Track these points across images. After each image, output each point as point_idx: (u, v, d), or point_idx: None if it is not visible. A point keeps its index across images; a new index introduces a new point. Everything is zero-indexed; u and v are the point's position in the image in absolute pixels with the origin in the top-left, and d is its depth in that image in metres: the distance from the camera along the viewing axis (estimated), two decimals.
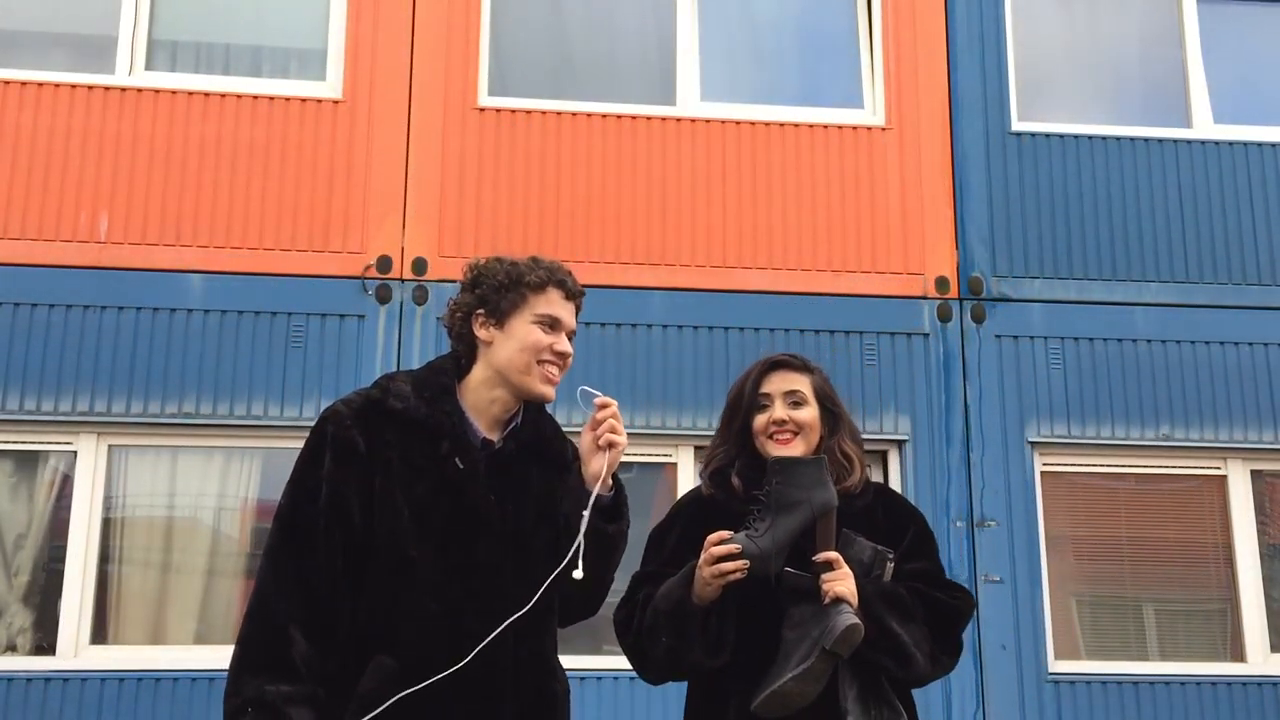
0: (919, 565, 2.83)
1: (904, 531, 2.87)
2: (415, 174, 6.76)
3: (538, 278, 2.59)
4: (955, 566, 6.58)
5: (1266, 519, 7.01)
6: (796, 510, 2.64)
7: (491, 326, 2.59)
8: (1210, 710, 6.56)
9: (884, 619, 2.63)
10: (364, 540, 2.45)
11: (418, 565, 2.44)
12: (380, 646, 2.40)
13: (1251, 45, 7.80)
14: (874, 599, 2.64)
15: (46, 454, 6.39)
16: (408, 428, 2.53)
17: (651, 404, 6.60)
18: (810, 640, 2.54)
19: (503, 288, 2.58)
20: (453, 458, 2.52)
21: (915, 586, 2.77)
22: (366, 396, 2.62)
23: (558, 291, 2.62)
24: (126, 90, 6.71)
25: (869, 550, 2.71)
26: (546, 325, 2.60)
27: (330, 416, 2.57)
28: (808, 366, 2.95)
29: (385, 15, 6.95)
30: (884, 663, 2.64)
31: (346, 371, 6.46)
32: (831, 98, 7.38)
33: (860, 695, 2.62)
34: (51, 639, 6.10)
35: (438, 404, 2.56)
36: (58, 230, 6.48)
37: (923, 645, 2.68)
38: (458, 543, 2.48)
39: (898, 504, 3.00)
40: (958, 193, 7.13)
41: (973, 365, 6.90)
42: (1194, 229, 7.22)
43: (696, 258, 6.87)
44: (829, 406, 2.91)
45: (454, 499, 2.50)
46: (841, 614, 2.54)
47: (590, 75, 7.35)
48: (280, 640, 2.36)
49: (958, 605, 2.80)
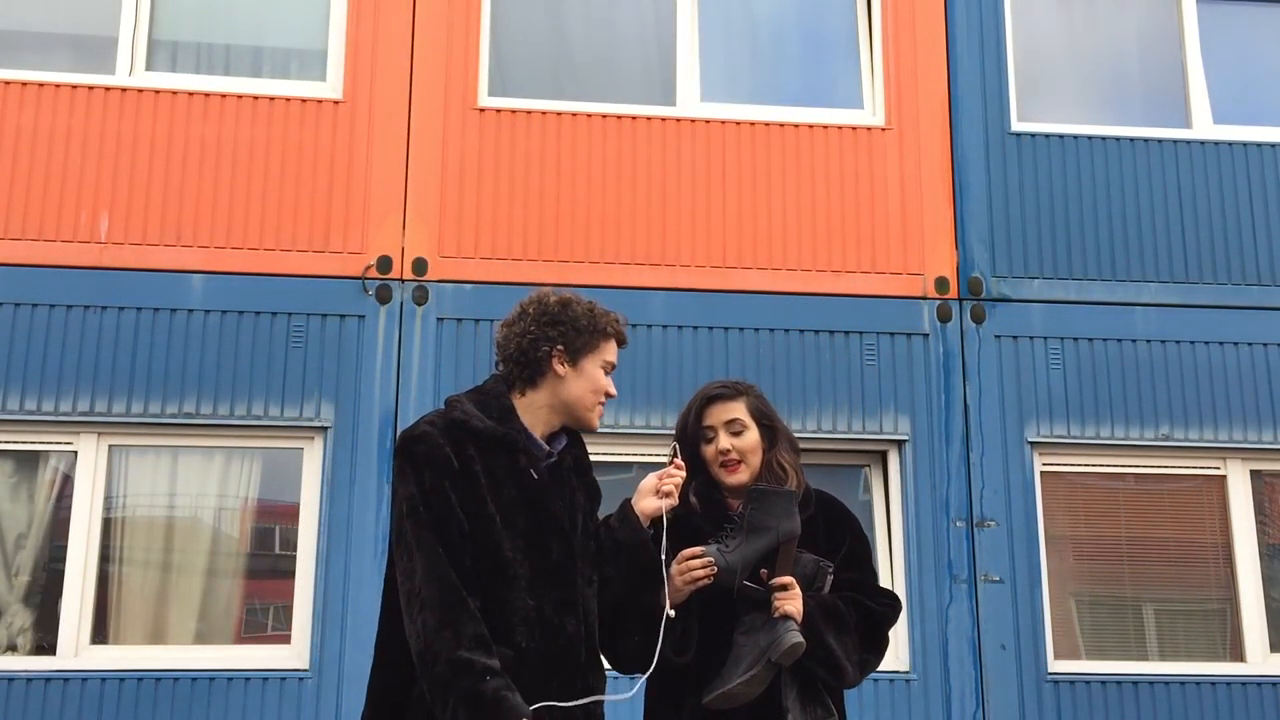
0: (854, 575, 3.19)
1: (842, 540, 3.23)
2: (415, 174, 6.77)
3: (614, 328, 2.99)
4: (955, 566, 6.59)
5: (1266, 519, 7.02)
6: (765, 535, 3.01)
7: (567, 363, 2.92)
8: (1210, 710, 6.56)
9: (823, 634, 3.00)
10: (469, 546, 2.75)
11: (512, 565, 2.77)
12: (496, 640, 2.70)
13: (1251, 45, 7.81)
14: (816, 614, 3.01)
15: (47, 454, 6.39)
16: (487, 444, 2.83)
17: (651, 404, 6.60)
18: (759, 649, 2.93)
19: (584, 331, 2.94)
20: (529, 469, 2.85)
21: (851, 596, 3.13)
22: (448, 417, 2.87)
23: (618, 342, 3.02)
24: (127, 90, 6.71)
25: (812, 564, 3.09)
26: (608, 370, 2.99)
27: (420, 437, 2.81)
28: (739, 391, 3.25)
29: (385, 15, 6.95)
30: (819, 672, 3.02)
31: (346, 371, 6.47)
32: (831, 98, 7.38)
33: (799, 695, 3.00)
34: (52, 639, 6.11)
35: (508, 423, 2.88)
36: (58, 230, 6.48)
37: (853, 655, 3.07)
38: (537, 545, 2.81)
39: (836, 513, 3.30)
40: (957, 193, 7.13)
41: (972, 365, 6.90)
42: (1194, 229, 7.22)
43: (697, 258, 6.87)
44: (765, 424, 3.23)
45: (531, 505, 2.83)
46: (788, 630, 2.92)
47: (590, 75, 7.35)
48: (476, 617, 2.66)
49: (885, 613, 3.18)
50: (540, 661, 2.74)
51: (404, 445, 2.82)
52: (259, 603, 6.54)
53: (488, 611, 2.71)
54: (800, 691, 3.00)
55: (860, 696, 5.98)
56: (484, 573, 2.74)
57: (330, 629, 6.11)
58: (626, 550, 2.96)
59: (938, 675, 6.46)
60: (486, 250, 6.73)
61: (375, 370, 6.47)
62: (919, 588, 6.52)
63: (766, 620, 2.96)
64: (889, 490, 6.79)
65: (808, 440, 6.57)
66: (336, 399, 6.43)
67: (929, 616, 6.52)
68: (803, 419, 6.67)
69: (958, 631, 6.52)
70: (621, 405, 6.50)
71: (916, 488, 6.68)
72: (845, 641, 3.05)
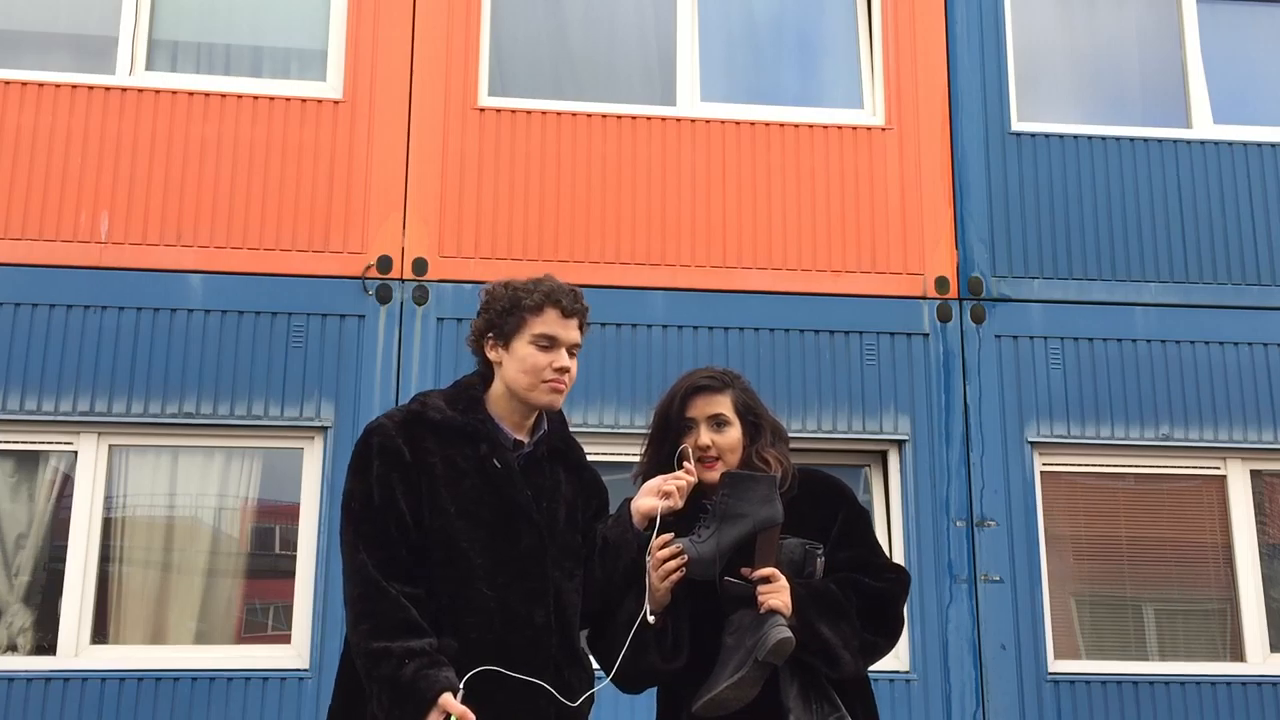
0: (850, 553, 2.98)
1: (833, 517, 3.01)
2: (415, 174, 6.77)
3: (534, 300, 2.84)
4: (955, 566, 6.59)
5: (1266, 519, 7.02)
6: (740, 522, 2.82)
7: (499, 348, 2.87)
8: (1210, 710, 6.56)
9: (815, 624, 2.81)
10: (418, 539, 2.72)
11: (470, 556, 2.72)
12: (444, 630, 2.67)
13: (1251, 45, 7.81)
14: (806, 603, 2.82)
15: (47, 454, 6.39)
16: (447, 435, 2.80)
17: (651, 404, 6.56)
18: (745, 650, 2.74)
19: (506, 311, 2.85)
20: (491, 458, 2.80)
21: (847, 577, 2.93)
22: (407, 410, 2.87)
23: (554, 311, 2.85)
24: (127, 90, 6.71)
25: (798, 548, 2.90)
26: (544, 344, 2.83)
27: (375, 429, 2.82)
28: (726, 383, 3.09)
29: (385, 15, 6.95)
30: (815, 663, 2.83)
31: (346, 371, 6.47)
32: (831, 98, 7.38)
33: (801, 692, 2.80)
34: (52, 639, 6.11)
35: (472, 412, 2.84)
36: (58, 230, 6.48)
37: (852, 642, 2.85)
38: (502, 535, 2.76)
39: (823, 488, 3.08)
40: (957, 193, 7.13)
41: (972, 365, 6.90)
42: (1194, 229, 7.22)
43: (696, 258, 6.87)
44: (750, 419, 3.05)
45: (496, 495, 2.78)
46: (775, 626, 2.73)
47: (590, 75, 7.35)
48: (398, 604, 2.63)
49: (888, 588, 2.96)
50: (501, 652, 2.68)
51: (359, 438, 2.84)
52: (259, 603, 6.54)
53: (440, 602, 2.69)
54: (801, 687, 2.82)
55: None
56: (439, 563, 2.72)
57: (330, 629, 6.11)
58: (611, 549, 2.91)
59: (938, 675, 6.46)
60: (486, 250, 6.72)
61: (375, 370, 6.47)
62: (919, 588, 6.51)
63: (754, 618, 2.78)
64: (889, 490, 6.79)
65: (808, 440, 6.58)
66: (336, 399, 6.43)
67: (929, 616, 6.52)
68: (803, 419, 6.67)
69: (958, 631, 6.53)
70: (621, 405, 6.51)
71: (916, 488, 6.68)
72: (842, 628, 2.85)
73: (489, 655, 2.66)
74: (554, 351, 2.84)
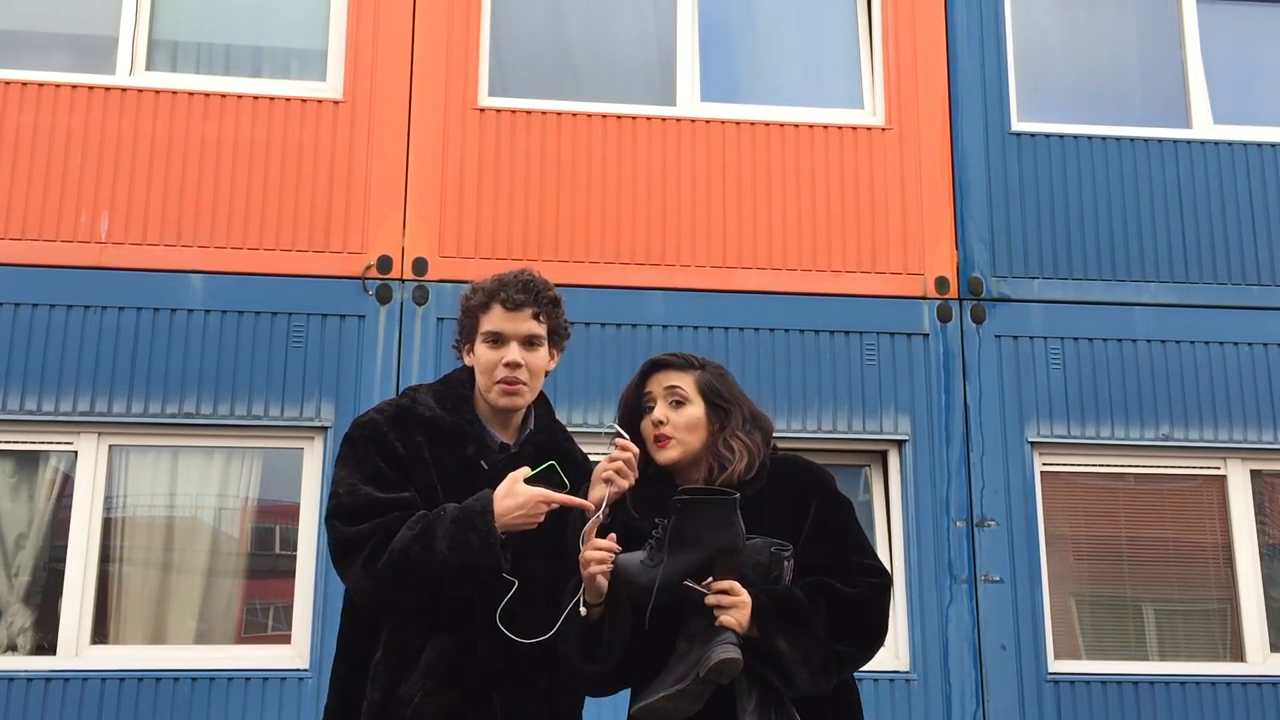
0: (824, 550, 2.72)
1: (804, 510, 2.76)
2: (415, 174, 6.77)
3: (479, 299, 2.82)
4: (955, 566, 6.59)
5: (1266, 519, 7.02)
6: (694, 548, 2.57)
7: (468, 352, 2.87)
8: (1210, 710, 6.56)
9: (773, 638, 2.58)
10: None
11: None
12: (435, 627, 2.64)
13: (1251, 45, 7.81)
14: (768, 612, 2.58)
15: (47, 454, 6.39)
16: (436, 433, 2.76)
17: None
18: (690, 662, 2.55)
19: (464, 314, 2.86)
20: (478, 460, 2.76)
21: (818, 581, 2.68)
22: (397, 405, 2.83)
23: (498, 306, 2.79)
24: (127, 90, 6.71)
25: (764, 549, 2.65)
26: (492, 341, 2.79)
27: (366, 423, 2.76)
28: (691, 364, 2.87)
29: (385, 15, 6.95)
30: (770, 678, 2.59)
31: (347, 371, 6.47)
32: (831, 98, 7.38)
33: (759, 705, 2.58)
34: (52, 639, 6.11)
35: (459, 412, 2.80)
36: (58, 230, 6.48)
37: (813, 656, 2.60)
38: None
39: (792, 477, 2.82)
40: (957, 193, 7.13)
41: (972, 365, 6.90)
42: (1193, 229, 7.22)
43: (696, 258, 6.87)
44: (717, 402, 2.81)
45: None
46: (721, 644, 2.52)
47: (590, 75, 7.35)
48: (394, 516, 2.62)
49: (862, 594, 2.70)
50: (481, 650, 2.66)
51: (349, 431, 2.77)
52: (259, 603, 6.54)
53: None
54: (761, 699, 2.59)
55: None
56: None
57: (330, 629, 6.07)
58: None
59: (938, 675, 6.46)
60: (487, 250, 6.72)
61: (375, 370, 6.47)
62: (919, 588, 6.52)
63: (708, 627, 2.57)
64: (889, 490, 6.78)
65: (808, 440, 6.58)
66: (336, 399, 6.43)
67: (929, 616, 6.52)
68: (803, 419, 6.67)
69: (958, 631, 6.52)
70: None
71: (916, 488, 6.68)
72: (803, 641, 2.59)
73: (473, 655, 2.64)
74: (503, 348, 2.77)
